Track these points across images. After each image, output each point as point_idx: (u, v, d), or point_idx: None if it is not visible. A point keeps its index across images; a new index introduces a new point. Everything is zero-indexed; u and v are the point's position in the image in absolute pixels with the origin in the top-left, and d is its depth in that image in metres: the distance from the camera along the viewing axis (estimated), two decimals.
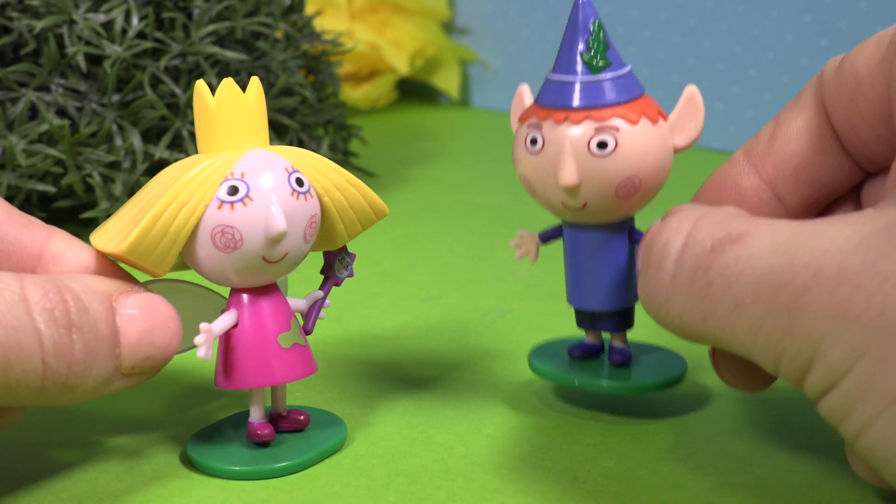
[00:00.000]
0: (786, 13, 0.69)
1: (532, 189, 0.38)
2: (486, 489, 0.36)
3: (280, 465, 0.37)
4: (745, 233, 0.31)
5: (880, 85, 0.34)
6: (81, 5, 0.56)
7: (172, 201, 0.35)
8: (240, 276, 0.36)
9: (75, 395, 0.34)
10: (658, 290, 0.32)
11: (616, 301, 0.39)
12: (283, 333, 0.37)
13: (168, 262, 0.35)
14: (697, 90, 0.38)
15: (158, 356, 0.35)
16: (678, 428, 0.39)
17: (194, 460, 0.37)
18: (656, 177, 0.37)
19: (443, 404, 0.41)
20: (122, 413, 0.41)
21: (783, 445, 0.37)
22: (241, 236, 0.35)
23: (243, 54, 0.58)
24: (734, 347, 0.31)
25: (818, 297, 0.29)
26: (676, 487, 0.35)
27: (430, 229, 0.60)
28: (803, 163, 0.37)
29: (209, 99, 0.36)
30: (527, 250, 0.40)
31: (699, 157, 0.71)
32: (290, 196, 0.35)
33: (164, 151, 0.56)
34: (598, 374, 0.39)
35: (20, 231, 0.36)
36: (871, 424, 0.28)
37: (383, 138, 0.77)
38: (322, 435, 0.38)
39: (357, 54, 0.80)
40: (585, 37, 0.37)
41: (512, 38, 0.82)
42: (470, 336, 0.47)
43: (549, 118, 0.37)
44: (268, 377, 0.36)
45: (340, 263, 0.39)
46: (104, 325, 0.34)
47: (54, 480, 0.37)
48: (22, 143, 0.54)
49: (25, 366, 0.32)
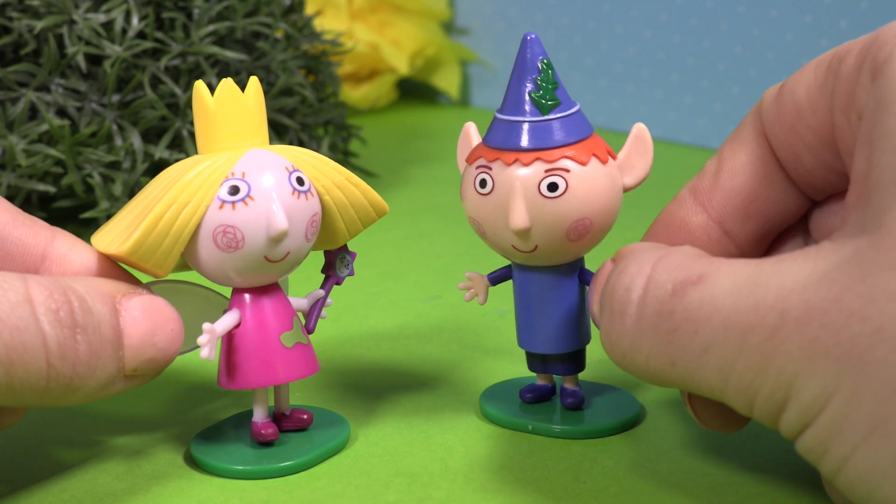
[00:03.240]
0: (786, 13, 0.69)
1: (482, 231, 0.37)
2: (487, 489, 0.36)
3: (283, 465, 0.37)
4: (706, 274, 0.31)
5: (822, 111, 0.34)
6: (81, 5, 0.56)
7: (174, 202, 0.35)
8: (241, 276, 0.36)
9: (78, 397, 0.34)
10: (623, 337, 0.32)
11: (567, 344, 0.38)
12: (285, 333, 0.37)
13: (170, 263, 0.35)
14: (646, 128, 0.37)
15: (160, 358, 0.35)
16: (678, 428, 0.39)
17: (198, 460, 0.37)
18: (607, 217, 0.37)
19: (443, 404, 0.41)
20: (123, 413, 0.41)
21: (783, 444, 0.37)
22: (242, 236, 0.35)
23: (243, 54, 0.58)
24: (704, 390, 0.31)
25: (788, 336, 0.29)
26: (677, 487, 0.35)
27: (430, 229, 0.60)
28: (750, 196, 0.36)
29: (208, 99, 0.36)
30: (476, 292, 0.40)
31: (700, 158, 0.71)
32: (290, 195, 0.35)
33: (164, 151, 0.56)
34: (550, 417, 0.39)
35: (24, 232, 0.36)
36: (850, 459, 0.28)
37: (383, 138, 0.77)
38: (325, 434, 0.38)
39: (357, 54, 0.80)
40: (534, 76, 0.37)
41: (512, 38, 0.82)
42: (470, 336, 0.47)
43: (499, 159, 0.36)
44: (271, 377, 0.36)
45: (341, 262, 0.39)
46: (108, 327, 0.34)
47: (54, 480, 0.37)
48: (22, 143, 0.54)
49: (29, 366, 0.32)
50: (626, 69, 0.76)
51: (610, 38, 0.77)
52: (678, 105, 0.74)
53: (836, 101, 0.33)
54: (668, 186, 0.62)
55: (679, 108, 0.74)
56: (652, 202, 0.57)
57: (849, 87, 0.32)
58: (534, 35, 0.37)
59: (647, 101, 0.75)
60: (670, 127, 0.74)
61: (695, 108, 0.73)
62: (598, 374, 0.42)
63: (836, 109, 0.33)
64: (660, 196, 0.62)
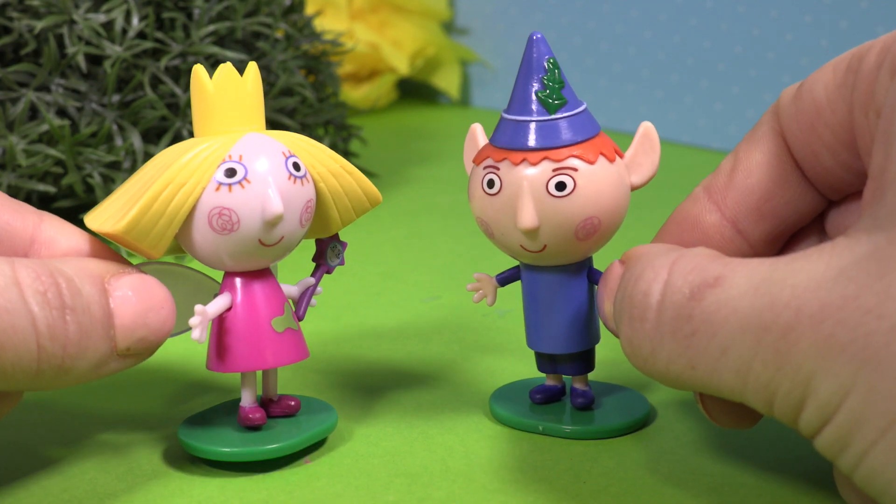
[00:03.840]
0: (786, 13, 0.69)
1: (490, 232, 0.37)
2: (487, 489, 0.36)
3: (270, 447, 0.37)
4: (722, 276, 0.31)
5: (841, 110, 0.34)
6: (81, 5, 0.56)
7: (170, 182, 0.35)
8: (234, 260, 0.36)
9: (70, 378, 0.34)
10: (643, 343, 0.32)
11: (577, 343, 0.38)
12: (276, 317, 0.37)
13: (164, 244, 0.35)
14: (652, 127, 0.37)
15: (152, 337, 0.35)
16: (678, 428, 0.39)
17: (185, 443, 0.37)
18: (615, 216, 0.37)
19: (443, 404, 0.41)
20: (121, 411, 0.41)
21: (784, 443, 0.37)
22: (238, 218, 0.35)
23: (243, 54, 0.58)
24: (724, 392, 0.31)
25: (803, 334, 0.29)
26: (677, 487, 0.35)
27: (430, 229, 0.60)
28: (765, 196, 0.36)
29: (207, 83, 0.36)
30: (485, 293, 0.40)
31: (700, 157, 0.71)
32: (287, 180, 0.35)
33: None
34: (560, 418, 0.39)
35: (11, 216, 0.36)
36: (866, 455, 0.28)
37: (383, 138, 0.77)
38: (313, 420, 0.38)
39: (357, 54, 0.80)
40: (540, 75, 0.37)
41: (512, 38, 0.82)
42: (470, 336, 0.47)
43: (506, 159, 0.36)
44: (260, 361, 0.37)
45: (332, 251, 0.39)
46: (97, 307, 0.34)
47: (54, 481, 0.37)
48: (22, 143, 0.54)
49: (20, 349, 0.32)
50: (626, 69, 0.76)
51: (610, 38, 0.77)
52: (678, 105, 0.74)
53: (856, 99, 0.33)
54: (668, 186, 0.62)
55: (679, 108, 0.74)
56: (652, 202, 0.57)
57: (868, 84, 0.32)
58: (540, 35, 0.37)
59: (647, 101, 0.75)
60: (670, 127, 0.74)
61: (695, 108, 0.73)
62: (607, 374, 0.42)
63: (855, 107, 0.33)
64: (660, 196, 0.62)
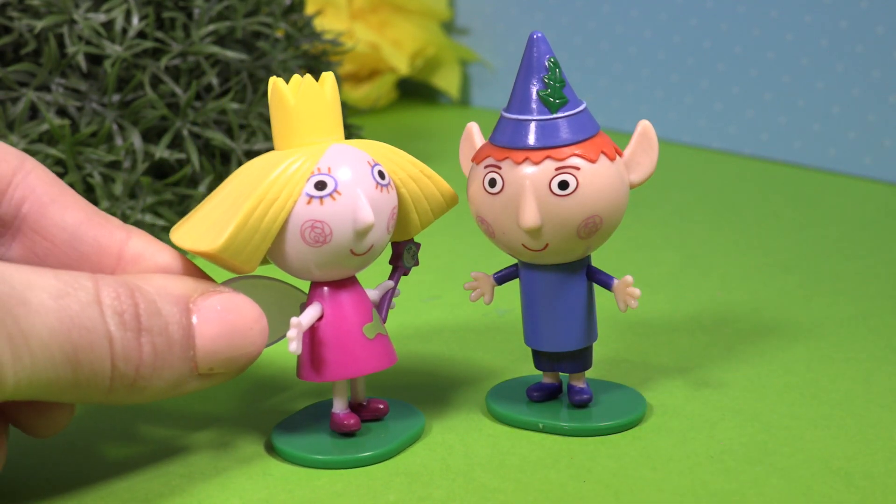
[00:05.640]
0: (786, 13, 0.69)
1: (490, 231, 0.38)
2: (487, 488, 0.36)
3: (365, 455, 0.37)
4: None
5: None
6: (81, 5, 0.56)
7: (262, 199, 0.35)
8: (323, 270, 0.36)
9: (146, 396, 0.34)
10: None
11: (575, 341, 0.38)
12: (367, 324, 0.37)
13: (256, 259, 0.36)
14: (650, 125, 0.38)
15: (240, 356, 0.35)
16: (679, 427, 0.39)
17: (279, 450, 0.37)
18: (615, 214, 0.37)
19: (443, 404, 0.41)
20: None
21: (784, 443, 0.37)
22: (330, 230, 0.35)
23: (243, 54, 0.58)
24: None
25: None
26: (677, 487, 0.35)
27: (430, 229, 0.60)
28: None
29: (287, 95, 0.36)
30: (482, 292, 0.40)
31: (700, 157, 0.71)
32: (374, 189, 0.36)
33: (164, 151, 0.56)
34: (558, 415, 0.39)
35: (99, 231, 0.36)
36: None
37: (383, 138, 0.77)
38: (402, 425, 0.39)
39: (357, 54, 0.80)
40: (541, 74, 0.37)
41: (512, 38, 0.82)
42: (470, 336, 0.47)
43: (508, 158, 0.37)
44: (354, 368, 0.37)
45: (408, 253, 0.40)
46: (177, 328, 0.34)
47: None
48: (22, 143, 0.54)
49: (95, 366, 0.33)
50: (626, 69, 0.76)
51: (610, 38, 0.77)
52: (678, 105, 0.74)
53: None
54: (669, 186, 0.62)
55: (679, 108, 0.74)
56: (652, 201, 0.57)
57: None
58: (540, 34, 0.37)
59: (647, 101, 0.75)
60: (670, 127, 0.74)
61: (695, 108, 0.73)
62: (604, 372, 0.42)
63: None
64: (660, 195, 0.62)
